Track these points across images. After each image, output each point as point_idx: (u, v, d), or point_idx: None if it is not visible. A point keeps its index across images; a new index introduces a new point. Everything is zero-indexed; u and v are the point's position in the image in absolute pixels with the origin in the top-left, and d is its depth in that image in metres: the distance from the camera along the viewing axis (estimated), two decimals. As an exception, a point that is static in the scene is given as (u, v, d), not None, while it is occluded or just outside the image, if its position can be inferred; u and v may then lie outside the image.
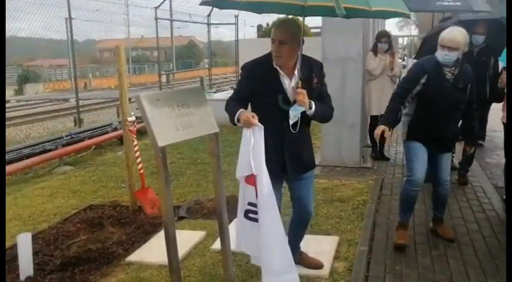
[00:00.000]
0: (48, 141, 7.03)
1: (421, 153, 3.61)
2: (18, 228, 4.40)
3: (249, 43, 12.92)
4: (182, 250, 3.42)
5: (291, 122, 2.73)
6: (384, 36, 6.15)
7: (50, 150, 7.04)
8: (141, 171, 4.69)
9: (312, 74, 2.79)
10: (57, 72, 31.39)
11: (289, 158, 2.83)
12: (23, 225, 4.53)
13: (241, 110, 2.59)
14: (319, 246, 3.65)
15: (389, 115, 3.59)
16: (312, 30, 14.35)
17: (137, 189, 4.72)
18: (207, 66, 15.63)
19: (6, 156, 6.15)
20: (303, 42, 2.71)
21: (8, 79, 28.39)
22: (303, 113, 2.71)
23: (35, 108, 18.47)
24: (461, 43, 3.40)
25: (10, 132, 12.52)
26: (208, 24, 14.80)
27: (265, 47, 2.90)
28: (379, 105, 5.92)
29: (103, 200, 5.21)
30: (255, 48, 2.91)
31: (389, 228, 4.05)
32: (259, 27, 29.93)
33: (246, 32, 44.60)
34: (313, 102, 2.71)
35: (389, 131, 3.48)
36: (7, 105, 19.55)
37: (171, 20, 13.30)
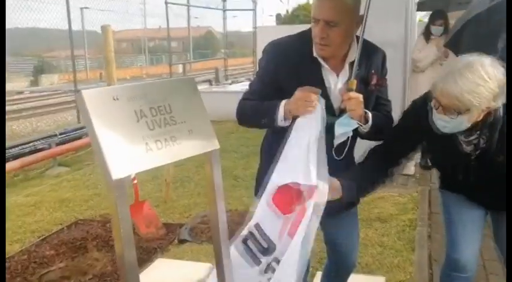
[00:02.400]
0: (39, 139, 6.22)
1: (466, 216, 2.09)
2: (-18, 251, 3.59)
3: (267, 31, 11.92)
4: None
5: (335, 143, 1.77)
6: (439, 18, 5.12)
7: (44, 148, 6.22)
8: (135, 181, 3.80)
9: (371, 69, 1.82)
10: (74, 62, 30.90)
11: None
12: (-8, 246, 3.71)
13: (284, 100, 1.72)
14: (360, 291, 2.74)
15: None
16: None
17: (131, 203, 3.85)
18: (226, 55, 14.68)
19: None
20: (365, 18, 1.75)
21: (25, 70, 28.09)
22: (354, 130, 1.77)
23: (48, 99, 17.93)
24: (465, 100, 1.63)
25: (20, 125, 11.95)
26: (224, 10, 13.82)
27: (285, 35, 1.93)
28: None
29: (93, 213, 4.37)
30: (275, 37, 1.90)
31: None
32: (278, 16, 28.90)
33: (264, 21, 43.34)
34: (370, 114, 1.76)
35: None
36: (21, 96, 19.16)
37: (183, 5, 12.38)
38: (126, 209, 1.35)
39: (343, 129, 1.72)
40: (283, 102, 1.71)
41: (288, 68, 1.76)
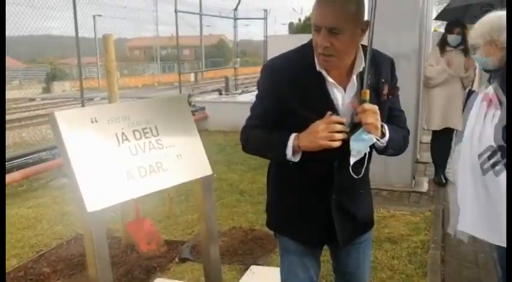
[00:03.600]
0: (44, 150, 6.13)
1: None
2: (-22, 266, 3.48)
3: (278, 40, 11.83)
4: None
5: (352, 161, 1.58)
6: (456, 26, 4.91)
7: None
8: (136, 196, 3.67)
9: (381, 78, 1.64)
10: (85, 70, 31.16)
11: (340, 220, 1.72)
12: (-11, 261, 3.60)
13: (293, 135, 1.57)
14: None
15: None
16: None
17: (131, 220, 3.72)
18: (236, 65, 14.57)
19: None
20: (372, 23, 1.58)
21: (38, 77, 28.35)
22: (371, 146, 1.59)
23: (59, 106, 18.02)
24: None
25: (29, 132, 11.94)
26: (235, 19, 13.74)
27: (297, 44, 1.78)
28: (443, 118, 4.75)
29: (94, 228, 4.24)
30: (286, 46, 1.76)
31: (466, 292, 2.92)
32: (291, 24, 28.83)
33: (276, 30, 43.23)
34: (386, 126, 1.60)
35: None
36: (33, 103, 19.28)
37: (194, 14, 12.32)
38: (104, 246, 1.21)
39: (360, 145, 1.54)
40: (293, 137, 1.56)
41: (290, 85, 1.59)
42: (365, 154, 1.59)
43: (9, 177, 5.21)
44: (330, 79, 1.60)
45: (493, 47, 2.16)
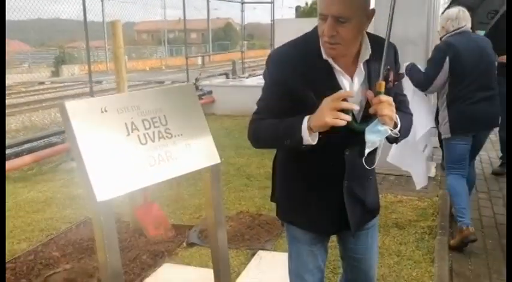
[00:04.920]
0: (54, 135, 6.17)
1: None
2: (-9, 249, 3.54)
3: (285, 23, 11.69)
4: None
5: (366, 152, 1.59)
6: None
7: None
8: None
9: (386, 65, 1.61)
10: (93, 53, 31.14)
11: (351, 206, 1.74)
12: (0, 244, 3.66)
13: (307, 116, 1.52)
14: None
15: None
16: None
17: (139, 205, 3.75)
18: (243, 48, 14.49)
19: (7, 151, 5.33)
20: (391, 13, 1.57)
21: (46, 60, 28.38)
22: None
23: (68, 90, 18.08)
24: None
25: (39, 115, 12.03)
26: (242, 2, 13.61)
27: (304, 28, 1.76)
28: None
29: (103, 212, 4.29)
30: (292, 30, 1.74)
31: (475, 277, 2.92)
32: (298, 8, 28.52)
33: (283, 13, 42.76)
34: (397, 117, 1.59)
35: None
36: (42, 86, 19.37)
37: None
38: (114, 235, 1.22)
39: (375, 137, 1.55)
40: (306, 119, 1.52)
41: (299, 75, 1.58)
42: (381, 144, 1.61)
43: (19, 161, 5.27)
44: (337, 67, 1.59)
45: None
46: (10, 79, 20.08)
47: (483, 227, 3.77)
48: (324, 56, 1.58)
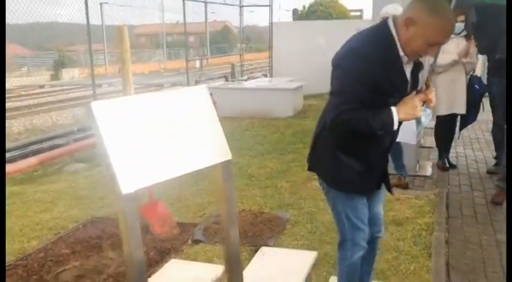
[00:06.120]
0: (58, 137, 6.29)
1: None
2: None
3: (283, 26, 11.83)
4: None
5: (416, 128, 2.38)
6: (460, 15, 4.95)
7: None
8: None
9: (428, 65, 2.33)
10: (93, 57, 31.18)
11: (386, 169, 2.35)
12: (10, 243, 3.77)
13: (394, 108, 1.97)
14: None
15: None
16: (352, 13, 13.16)
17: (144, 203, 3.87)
18: (241, 51, 14.63)
19: (9, 154, 5.45)
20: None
21: (46, 64, 28.45)
22: None
23: (68, 93, 18.16)
24: None
25: (40, 118, 12.13)
26: (241, 6, 13.74)
27: (301, 30, 1.94)
28: (448, 103, 4.80)
29: (108, 211, 4.39)
30: (290, 32, 1.90)
31: (471, 271, 3.05)
32: (295, 11, 28.65)
33: (281, 16, 42.93)
34: None
35: None
36: (42, 90, 19.45)
37: (200, 1, 12.36)
38: (137, 227, 1.34)
39: (424, 117, 2.07)
40: (395, 112, 1.95)
41: (382, 70, 1.91)
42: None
43: (25, 163, 5.37)
44: (405, 62, 1.99)
45: None
46: (9, 82, 20.19)
47: (478, 223, 3.89)
48: (401, 53, 1.96)
